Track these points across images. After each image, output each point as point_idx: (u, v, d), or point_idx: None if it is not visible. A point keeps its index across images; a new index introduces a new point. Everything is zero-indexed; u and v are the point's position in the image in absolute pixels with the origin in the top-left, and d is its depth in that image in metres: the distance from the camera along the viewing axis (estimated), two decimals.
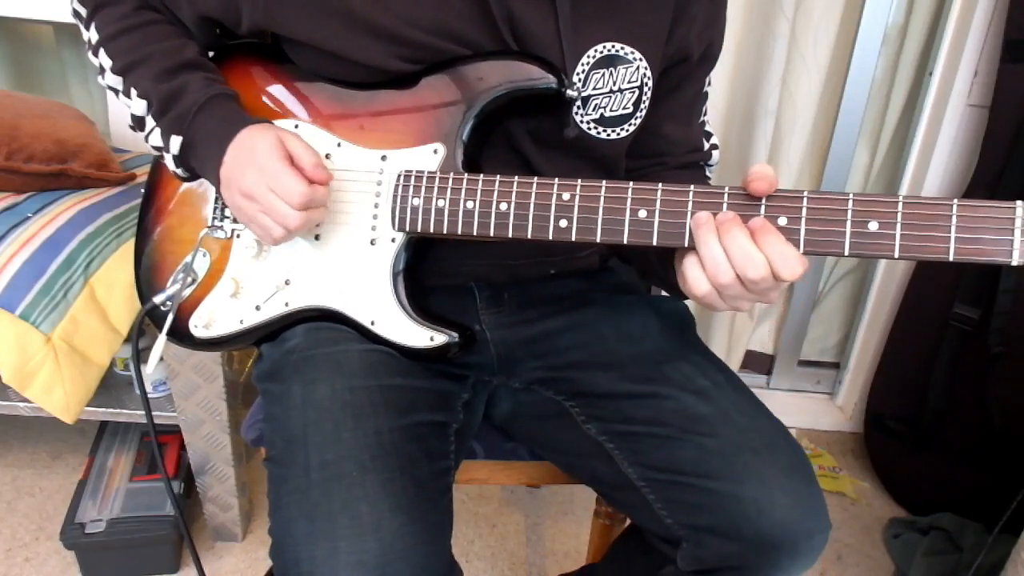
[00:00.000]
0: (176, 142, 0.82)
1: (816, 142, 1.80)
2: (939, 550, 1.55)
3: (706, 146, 0.95)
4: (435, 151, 0.81)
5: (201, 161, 0.82)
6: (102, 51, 0.86)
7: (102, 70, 0.86)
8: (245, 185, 0.77)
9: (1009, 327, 1.54)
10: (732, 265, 0.66)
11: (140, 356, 0.94)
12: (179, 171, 0.85)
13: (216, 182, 0.81)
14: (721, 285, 0.67)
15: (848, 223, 0.64)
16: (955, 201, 0.62)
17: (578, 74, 0.81)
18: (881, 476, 1.85)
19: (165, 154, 0.84)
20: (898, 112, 1.81)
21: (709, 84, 0.94)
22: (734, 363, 1.94)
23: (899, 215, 0.63)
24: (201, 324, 0.90)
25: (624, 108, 0.84)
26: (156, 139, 0.83)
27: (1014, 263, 0.61)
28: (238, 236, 0.89)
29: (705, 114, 0.95)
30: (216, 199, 0.90)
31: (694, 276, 0.69)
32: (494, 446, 1.02)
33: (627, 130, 0.86)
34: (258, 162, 0.77)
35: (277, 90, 0.88)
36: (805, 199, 0.66)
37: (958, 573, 1.47)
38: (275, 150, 0.77)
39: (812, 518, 0.76)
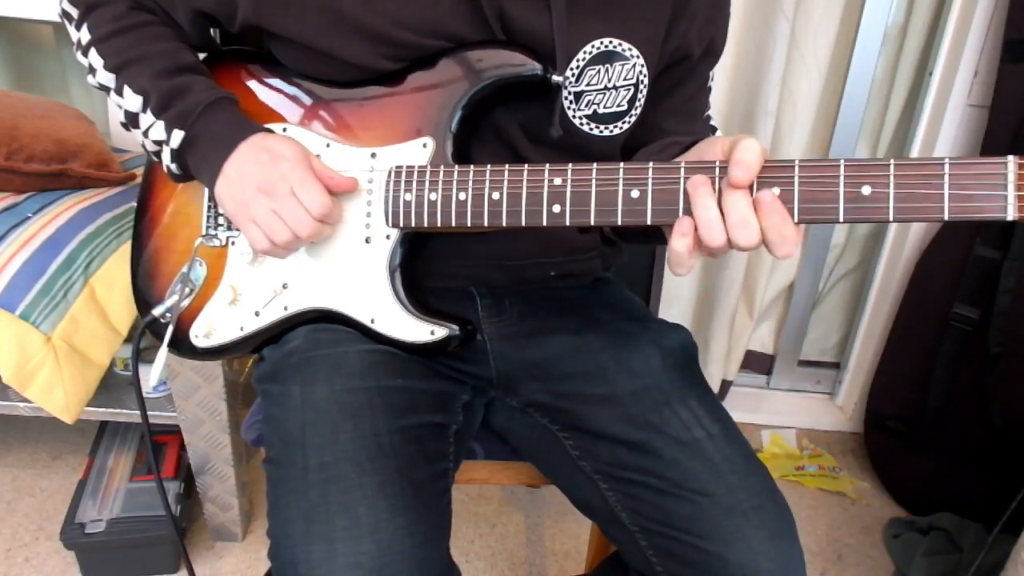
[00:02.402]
0: (177, 136, 0.81)
1: (816, 142, 1.80)
2: (939, 550, 1.55)
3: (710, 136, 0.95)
4: (424, 145, 0.81)
5: (200, 158, 0.82)
6: (93, 51, 0.85)
7: (92, 69, 0.86)
8: (266, 181, 0.77)
9: (1009, 327, 1.54)
10: (726, 227, 0.65)
11: (139, 357, 0.94)
12: (173, 166, 0.84)
13: (214, 176, 0.80)
14: (712, 249, 0.66)
15: (841, 189, 0.63)
16: (946, 159, 0.61)
17: (573, 69, 0.81)
18: (881, 476, 1.85)
19: (164, 147, 0.83)
20: (898, 112, 1.81)
21: (712, 79, 0.94)
22: (734, 363, 1.95)
23: (891, 177, 0.62)
24: (201, 333, 0.90)
25: (618, 105, 0.84)
26: (158, 133, 0.82)
27: (1009, 218, 0.61)
28: (233, 243, 0.89)
29: (708, 108, 0.95)
30: (209, 208, 0.90)
31: (678, 252, 0.67)
32: (494, 446, 1.02)
33: (621, 128, 0.86)
34: (285, 164, 0.77)
35: (264, 93, 0.88)
36: (796, 167, 0.64)
37: (958, 573, 1.47)
38: (304, 160, 0.79)
39: None
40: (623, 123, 0.86)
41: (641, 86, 0.84)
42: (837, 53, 1.68)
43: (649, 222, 0.70)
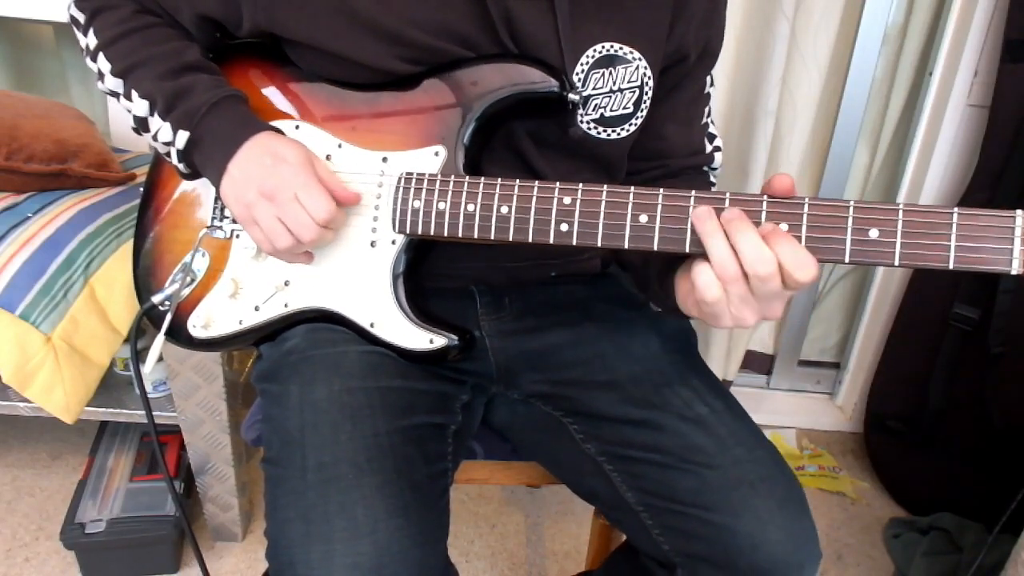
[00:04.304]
0: (183, 137, 0.81)
1: (816, 142, 1.80)
2: (939, 550, 1.55)
3: (708, 148, 0.95)
4: (436, 153, 0.81)
5: (206, 157, 0.82)
6: (101, 55, 0.85)
7: (101, 75, 0.86)
8: (269, 185, 0.77)
9: (1009, 327, 1.54)
10: (740, 261, 0.65)
11: (139, 356, 0.94)
12: (181, 166, 0.85)
13: (219, 176, 0.80)
14: (728, 279, 0.66)
15: (849, 231, 0.65)
16: (955, 209, 0.62)
17: (577, 74, 0.81)
18: (881, 476, 1.85)
19: (171, 147, 0.83)
20: (898, 112, 1.81)
21: (712, 84, 0.94)
22: (734, 363, 1.94)
23: (899, 223, 0.63)
24: (200, 324, 0.90)
25: (624, 108, 0.84)
26: (166, 134, 0.82)
27: (1013, 272, 0.61)
28: (237, 236, 0.89)
29: (709, 115, 0.95)
30: (216, 199, 0.90)
31: (705, 281, 0.67)
32: (494, 446, 1.02)
33: (628, 130, 0.86)
34: (288, 169, 0.77)
35: (278, 91, 0.88)
36: (806, 206, 0.66)
37: (958, 573, 1.47)
38: (308, 164, 0.78)
39: (803, 551, 0.78)
40: (630, 125, 0.86)
41: (646, 88, 0.84)
42: (837, 53, 1.68)
43: (655, 248, 0.70)
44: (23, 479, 1.66)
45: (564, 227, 0.73)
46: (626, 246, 0.71)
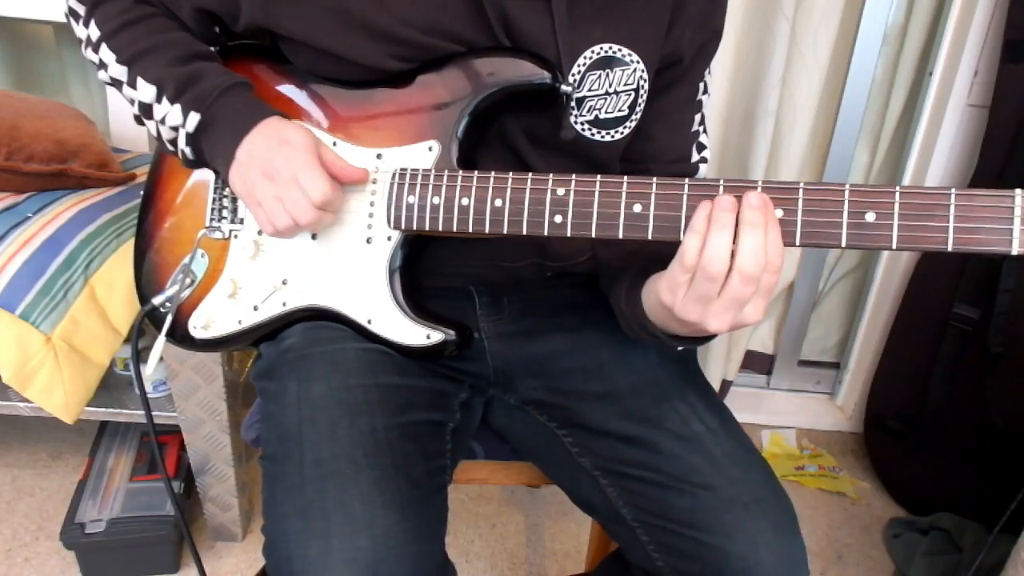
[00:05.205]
0: (194, 119, 0.81)
1: (816, 142, 1.80)
2: (939, 550, 1.55)
3: (695, 157, 0.92)
4: (430, 148, 0.81)
5: (214, 142, 0.82)
6: (104, 47, 0.85)
7: (103, 65, 0.86)
8: (271, 165, 0.77)
9: (1009, 327, 1.54)
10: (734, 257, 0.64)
11: (139, 356, 0.95)
12: (187, 150, 0.84)
13: (227, 161, 0.80)
14: (709, 275, 0.64)
15: (845, 214, 0.64)
16: (953, 190, 0.62)
17: (574, 75, 0.81)
18: (881, 476, 1.85)
19: (180, 131, 0.82)
20: (898, 112, 1.81)
21: (706, 92, 0.91)
22: (734, 363, 1.94)
23: (896, 205, 0.63)
24: (200, 325, 0.90)
25: (619, 110, 0.84)
26: (175, 118, 0.82)
27: (1013, 252, 0.61)
28: (235, 237, 0.89)
29: (701, 124, 0.92)
30: (214, 200, 0.90)
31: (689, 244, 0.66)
32: (494, 446, 1.02)
33: (622, 132, 0.85)
34: (291, 149, 0.77)
35: (272, 91, 0.88)
36: (801, 191, 0.65)
37: (958, 573, 1.47)
38: (311, 147, 0.78)
39: (793, 573, 0.78)
40: (624, 128, 0.85)
41: (642, 91, 0.84)
42: (837, 53, 1.67)
43: (650, 237, 0.70)
44: (23, 479, 1.66)
45: (558, 218, 0.73)
46: (620, 236, 0.71)
